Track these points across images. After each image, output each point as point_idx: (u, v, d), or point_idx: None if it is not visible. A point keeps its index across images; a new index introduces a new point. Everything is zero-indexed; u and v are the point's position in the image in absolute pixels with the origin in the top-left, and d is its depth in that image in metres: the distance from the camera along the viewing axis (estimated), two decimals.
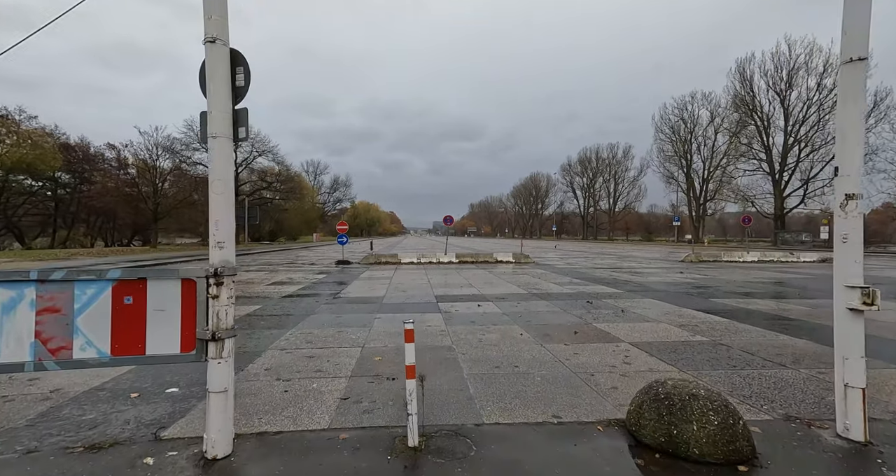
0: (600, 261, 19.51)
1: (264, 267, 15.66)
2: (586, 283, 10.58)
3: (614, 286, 9.89)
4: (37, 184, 35.74)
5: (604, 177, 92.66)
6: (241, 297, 8.26)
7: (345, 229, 17.97)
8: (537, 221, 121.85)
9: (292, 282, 10.86)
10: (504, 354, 4.34)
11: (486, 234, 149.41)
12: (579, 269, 14.61)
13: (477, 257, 18.59)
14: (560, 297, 8.14)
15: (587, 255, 25.06)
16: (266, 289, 9.50)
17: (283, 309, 6.89)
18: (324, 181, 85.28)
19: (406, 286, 10.00)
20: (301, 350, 4.44)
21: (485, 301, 7.74)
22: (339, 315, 6.39)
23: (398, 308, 7.03)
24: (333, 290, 9.24)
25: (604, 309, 6.93)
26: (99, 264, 15.24)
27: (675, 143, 65.18)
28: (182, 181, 44.31)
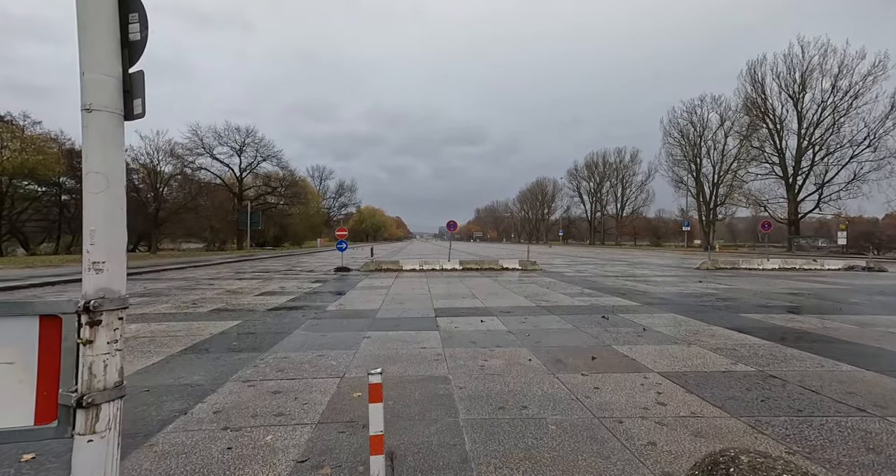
0: (611, 268, 18.66)
1: (260, 274, 15.04)
2: (599, 293, 9.78)
3: (630, 297, 9.09)
4: (40, 189, 35.62)
5: (611, 181, 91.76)
6: (223, 310, 7.59)
7: (344, 235, 17.34)
8: (544, 226, 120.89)
9: (283, 292, 10.20)
10: (510, 389, 3.60)
11: (492, 239, 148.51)
12: (590, 278, 13.80)
13: (481, 264, 17.84)
14: (571, 311, 7.37)
15: (596, 261, 24.20)
16: (253, 300, 8.83)
17: (264, 326, 6.20)
18: (329, 186, 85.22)
19: (404, 297, 9.28)
20: (267, 382, 3.73)
21: (488, 316, 6.99)
22: (325, 334, 5.69)
23: (392, 324, 6.31)
24: (325, 302, 8.55)
25: (622, 326, 6.16)
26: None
27: (684, 147, 64.13)
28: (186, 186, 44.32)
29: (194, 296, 9.29)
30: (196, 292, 9.94)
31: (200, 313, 7.14)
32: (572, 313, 7.20)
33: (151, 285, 11.31)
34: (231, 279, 13.13)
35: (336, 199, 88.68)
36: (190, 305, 7.96)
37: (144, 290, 10.16)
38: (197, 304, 8.19)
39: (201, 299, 8.79)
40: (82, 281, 1.67)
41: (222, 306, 7.92)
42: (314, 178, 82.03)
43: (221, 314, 7.05)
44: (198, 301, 8.52)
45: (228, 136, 46.02)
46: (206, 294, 9.61)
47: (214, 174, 47.25)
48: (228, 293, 9.83)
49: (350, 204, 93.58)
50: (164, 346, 4.94)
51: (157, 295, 9.42)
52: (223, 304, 8.23)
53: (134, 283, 11.70)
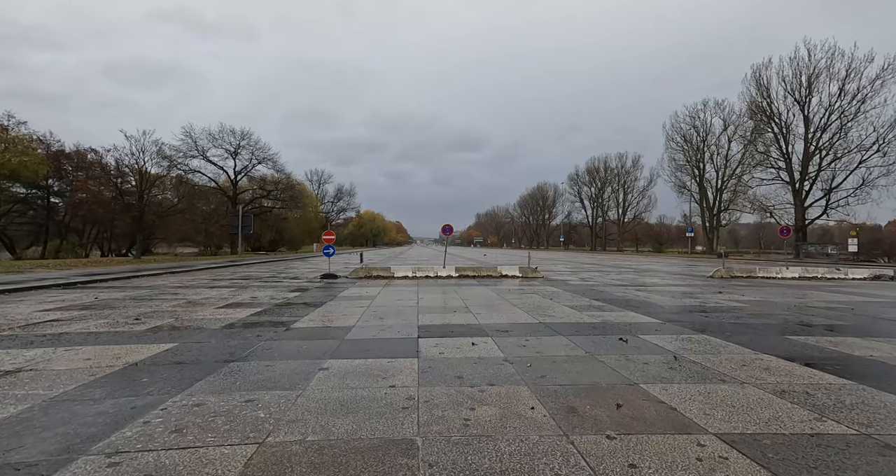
0: (618, 276, 17.44)
1: (237, 282, 13.84)
2: (610, 306, 8.57)
3: (647, 312, 7.87)
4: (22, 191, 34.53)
5: (612, 186, 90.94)
6: (166, 327, 6.39)
7: (331, 240, 16.16)
8: (545, 231, 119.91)
9: (252, 304, 9.00)
10: (504, 467, 2.40)
11: (492, 245, 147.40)
12: (597, 287, 12.58)
13: (479, 271, 16.63)
14: (581, 330, 6.16)
15: (601, 268, 22.98)
16: (213, 313, 7.63)
17: (202, 351, 4.99)
18: (328, 190, 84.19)
19: (387, 310, 8.08)
20: (144, 456, 2.52)
21: (482, 336, 5.79)
22: (272, 363, 4.48)
23: (362, 349, 5.11)
24: (294, 317, 7.34)
25: (646, 352, 4.95)
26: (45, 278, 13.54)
27: (686, 152, 63.28)
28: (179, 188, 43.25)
29: (145, 308, 8.09)
30: (150, 304, 8.74)
31: (134, 333, 5.94)
32: (582, 333, 5.99)
33: (107, 295, 10.11)
34: (202, 287, 11.93)
35: (335, 204, 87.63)
36: (130, 322, 6.75)
37: (93, 302, 8.95)
38: (141, 319, 6.98)
39: (149, 313, 7.59)
40: None
41: (168, 323, 6.72)
42: (312, 183, 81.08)
43: (159, 334, 5.85)
44: (144, 315, 7.32)
45: (223, 138, 45.10)
46: (160, 306, 8.41)
47: (209, 177, 46.27)
48: (187, 305, 8.63)
49: (349, 208, 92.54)
50: (41, 387, 3.72)
51: (103, 307, 8.22)
52: (172, 319, 7.02)
53: (88, 293, 10.50)
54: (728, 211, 61.61)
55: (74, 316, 7.21)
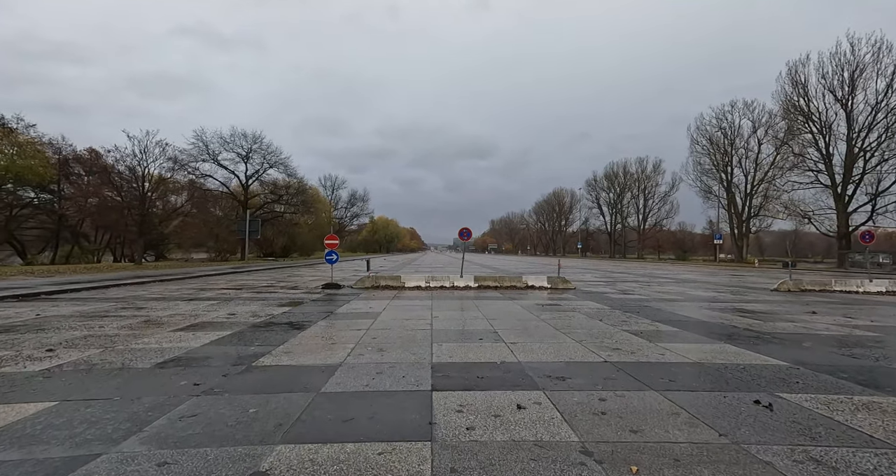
0: (660, 287, 15.15)
1: (225, 293, 12.10)
2: (688, 333, 6.45)
3: (751, 346, 5.71)
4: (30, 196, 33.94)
5: (632, 192, 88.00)
6: (84, 366, 4.55)
7: (334, 244, 14.35)
8: (561, 238, 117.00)
9: (224, 323, 7.16)
10: None
11: (507, 251, 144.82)
12: (647, 302, 10.41)
13: (501, 281, 14.58)
14: (679, 380, 4.09)
15: (634, 277, 20.61)
16: (160, 340, 5.80)
17: (73, 422, 3.12)
18: (341, 196, 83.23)
19: (391, 336, 6.13)
20: None
21: (528, 388, 3.79)
22: (178, 451, 2.57)
23: (341, 417, 3.16)
24: (263, 347, 5.45)
25: (827, 438, 2.88)
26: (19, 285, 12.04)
27: (713, 156, 60.29)
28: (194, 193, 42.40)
29: (81, 331, 6.31)
30: (94, 324, 6.98)
31: (18, 377, 4.11)
32: (681, 384, 3.92)
33: (56, 310, 8.44)
34: (179, 300, 10.19)
35: (348, 210, 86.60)
36: (36, 355, 4.95)
37: (25, 320, 7.25)
38: (55, 350, 5.18)
39: (79, 339, 5.80)
40: None
41: (88, 356, 4.89)
42: (326, 188, 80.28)
43: (49, 382, 3.99)
44: (67, 343, 5.52)
45: (234, 141, 44.20)
46: (104, 328, 6.63)
47: (220, 181, 45.41)
48: (140, 326, 6.84)
49: (363, 214, 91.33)
50: None
51: (26, 330, 6.48)
52: (99, 349, 5.20)
53: (39, 306, 8.84)
54: (758, 217, 58.27)
55: None
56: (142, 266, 25.24)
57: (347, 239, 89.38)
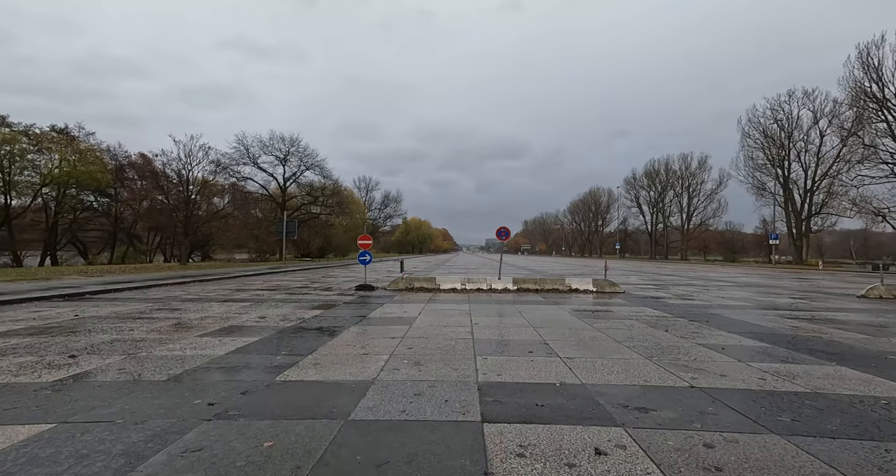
0: (720, 292, 13.69)
1: (259, 294, 11.95)
2: (782, 349, 5.39)
3: (871, 368, 4.62)
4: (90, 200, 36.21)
5: (675, 190, 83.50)
6: (101, 376, 4.21)
7: (367, 245, 13.95)
8: (598, 239, 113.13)
9: (253, 327, 6.79)
10: None
11: (541, 252, 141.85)
12: (710, 309, 9.21)
13: (542, 284, 13.66)
14: (806, 415, 3.17)
15: (686, 280, 18.97)
16: (186, 346, 5.45)
17: (66, 452, 2.66)
18: (375, 197, 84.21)
19: (428, 346, 5.49)
20: None
21: (604, 423, 3.01)
22: None
23: (373, 452, 2.53)
24: (290, 356, 4.96)
25: None
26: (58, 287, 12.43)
27: (767, 150, 55.90)
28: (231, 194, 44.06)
29: (111, 335, 6.10)
30: (127, 326, 6.80)
31: (30, 387, 3.78)
32: (810, 425, 3.00)
33: (94, 311, 8.44)
34: (214, 301, 10.06)
35: (382, 211, 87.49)
36: (58, 361, 4.69)
37: (62, 321, 7.20)
38: (80, 356, 4.91)
39: (107, 343, 5.55)
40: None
41: (111, 363, 4.57)
42: (360, 190, 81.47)
43: (57, 396, 3.63)
44: (93, 348, 5.27)
45: (273, 144, 45.44)
46: (134, 331, 6.41)
47: (259, 184, 46.86)
48: (170, 329, 6.58)
49: (396, 215, 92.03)
50: None
51: (58, 333, 6.37)
52: (123, 356, 4.89)
53: (80, 307, 8.90)
54: (820, 215, 53.49)
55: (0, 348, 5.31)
56: (186, 266, 26.17)
57: (381, 240, 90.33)
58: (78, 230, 37.62)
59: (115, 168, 36.51)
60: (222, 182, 41.74)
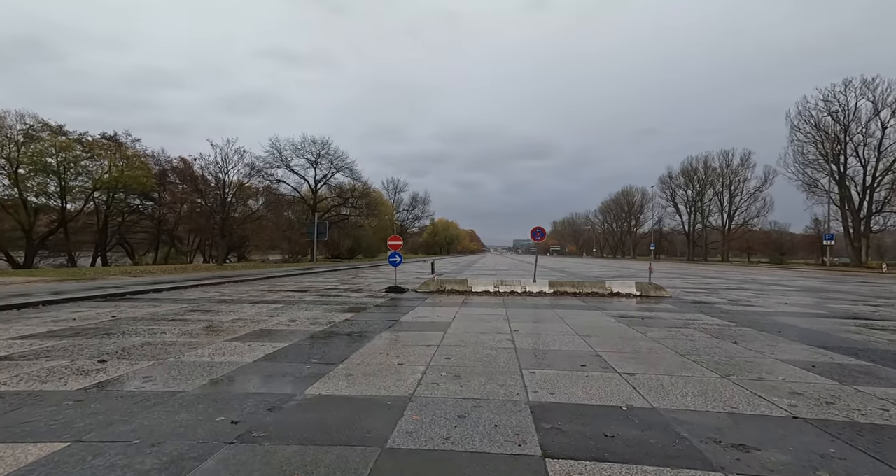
0: (780, 297, 12.49)
1: (290, 296, 11.87)
2: (892, 369, 4.58)
3: None
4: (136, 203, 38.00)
5: (715, 188, 79.51)
6: (117, 388, 4.00)
7: (397, 246, 13.66)
8: (631, 240, 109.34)
9: (283, 332, 6.55)
10: None
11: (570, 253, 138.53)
12: (775, 316, 8.26)
13: (580, 287, 12.91)
14: None
15: (735, 282, 17.58)
16: (213, 353, 5.24)
17: None
18: (403, 198, 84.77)
19: (467, 355, 5.03)
20: None
21: (696, 466, 2.43)
22: None
23: None
24: (320, 366, 4.62)
25: None
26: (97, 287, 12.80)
27: (820, 144, 52.12)
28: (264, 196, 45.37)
29: (143, 337, 5.99)
30: (159, 329, 6.72)
31: (55, 395, 3.59)
32: None
33: (131, 312, 8.50)
34: (246, 303, 10.00)
35: (410, 212, 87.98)
36: (88, 366, 4.55)
37: (99, 323, 7.22)
38: (108, 361, 4.77)
39: (138, 347, 5.42)
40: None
41: (138, 370, 4.37)
42: (389, 191, 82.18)
43: (81, 408, 3.41)
44: (124, 352, 5.13)
45: (304, 147, 46.43)
46: (166, 334, 6.30)
47: (292, 186, 48.00)
48: (201, 333, 6.43)
49: (424, 216, 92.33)
50: None
51: (93, 335, 6.34)
52: (151, 362, 4.70)
53: (118, 307, 9.01)
54: (882, 213, 49.33)
55: (25, 352, 5.26)
56: (222, 267, 26.91)
57: (409, 241, 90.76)
58: (125, 232, 39.59)
59: (158, 172, 38.24)
60: (256, 185, 43.10)
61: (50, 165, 31.70)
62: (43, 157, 31.46)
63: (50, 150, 31.91)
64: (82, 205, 35.32)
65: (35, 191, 32.56)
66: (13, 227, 31.97)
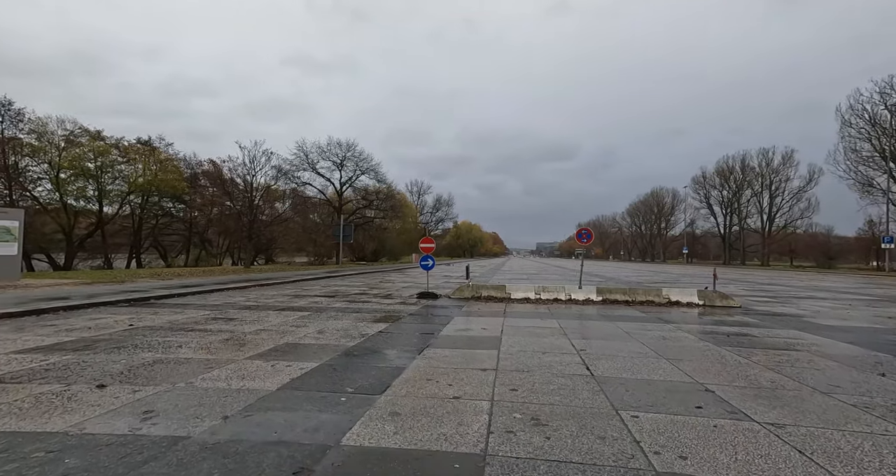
0: (879, 308, 10.83)
1: (317, 302, 11.13)
2: None
3: None
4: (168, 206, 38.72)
5: (753, 188, 75.26)
6: (107, 431, 3.20)
7: (431, 248, 12.75)
8: (660, 242, 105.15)
9: (310, 347, 5.70)
10: None
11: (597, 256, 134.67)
12: (890, 336, 6.84)
13: (632, 295, 11.63)
14: None
15: (802, 290, 15.75)
16: (230, 376, 4.41)
17: None
18: (426, 201, 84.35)
19: (536, 388, 4.00)
20: None
21: None
22: None
23: None
24: (357, 396, 3.71)
25: None
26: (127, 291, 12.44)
27: (876, 140, 48.21)
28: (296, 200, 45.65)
29: (150, 354, 5.25)
30: (171, 341, 6.00)
31: (25, 445, 2.80)
32: None
33: (151, 320, 7.90)
34: (271, 310, 9.29)
35: (433, 214, 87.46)
36: (71, 398, 3.78)
37: (113, 333, 6.59)
38: (103, 387, 4.00)
39: (147, 365, 4.66)
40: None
41: (127, 403, 3.57)
42: (412, 194, 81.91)
43: (49, 465, 2.59)
44: (122, 374, 4.37)
45: (330, 150, 46.45)
46: (181, 348, 5.55)
47: (317, 188, 48.12)
48: (218, 346, 5.66)
49: (447, 218, 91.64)
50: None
51: (106, 348, 5.66)
52: (151, 389, 3.91)
53: (138, 314, 8.44)
54: None
55: (20, 371, 4.57)
56: (250, 270, 26.77)
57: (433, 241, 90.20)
58: (159, 234, 40.47)
59: (189, 176, 38.95)
60: (283, 187, 43.35)
61: (88, 169, 32.65)
62: (82, 162, 32.45)
63: (88, 154, 32.89)
64: (118, 208, 36.28)
65: (75, 194, 33.62)
66: (55, 229, 33.06)
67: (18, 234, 14.31)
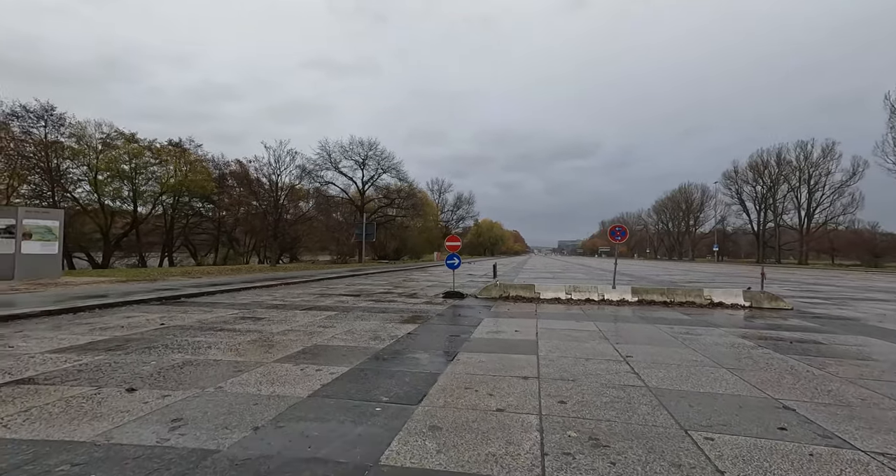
0: None
1: (343, 301, 11.01)
2: None
3: None
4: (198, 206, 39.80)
5: (790, 183, 71.61)
6: (130, 442, 3.03)
7: (457, 247, 12.43)
8: (689, 240, 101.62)
9: (339, 349, 5.50)
10: None
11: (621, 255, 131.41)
12: None
13: (671, 295, 11.00)
14: None
15: (857, 290, 14.63)
16: (259, 380, 4.24)
17: None
18: (447, 199, 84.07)
19: (588, 400, 3.63)
20: None
21: None
22: None
23: None
24: (391, 406, 3.44)
25: None
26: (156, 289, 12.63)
27: None
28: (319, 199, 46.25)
29: (179, 355, 5.15)
30: (200, 342, 5.91)
31: (50, 457, 2.65)
32: None
33: (181, 319, 7.91)
34: (297, 309, 9.20)
35: (454, 212, 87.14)
36: (99, 402, 3.65)
37: (145, 331, 6.57)
38: (133, 391, 3.87)
39: (177, 367, 4.55)
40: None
41: (155, 409, 3.41)
42: (433, 192, 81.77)
43: None
44: (152, 377, 4.25)
45: (352, 149, 46.75)
46: (208, 351, 5.44)
47: (340, 188, 48.57)
48: (246, 347, 5.52)
49: (468, 216, 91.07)
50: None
51: (138, 347, 5.61)
52: (179, 395, 3.75)
53: (169, 312, 8.48)
54: None
55: (54, 372, 4.51)
56: (275, 268, 27.17)
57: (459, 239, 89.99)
58: (189, 233, 41.72)
59: (217, 177, 39.95)
60: (307, 187, 43.90)
61: (124, 171, 33.92)
62: (118, 164, 33.73)
63: (124, 156, 34.16)
64: (151, 208, 37.57)
65: (111, 195, 35.01)
66: (93, 229, 34.52)
67: (59, 233, 14.83)
